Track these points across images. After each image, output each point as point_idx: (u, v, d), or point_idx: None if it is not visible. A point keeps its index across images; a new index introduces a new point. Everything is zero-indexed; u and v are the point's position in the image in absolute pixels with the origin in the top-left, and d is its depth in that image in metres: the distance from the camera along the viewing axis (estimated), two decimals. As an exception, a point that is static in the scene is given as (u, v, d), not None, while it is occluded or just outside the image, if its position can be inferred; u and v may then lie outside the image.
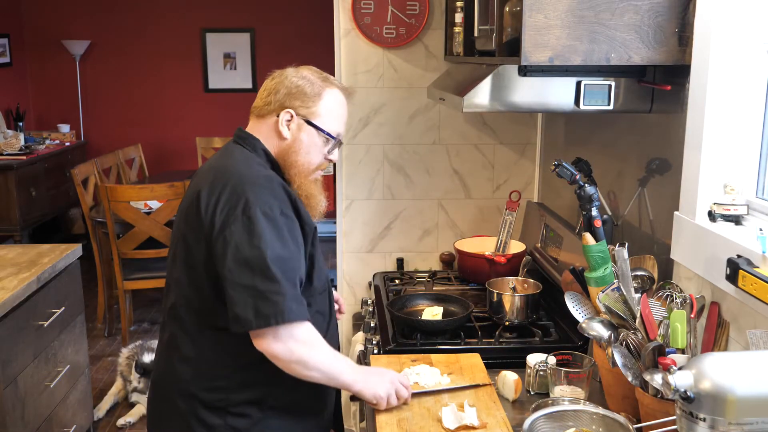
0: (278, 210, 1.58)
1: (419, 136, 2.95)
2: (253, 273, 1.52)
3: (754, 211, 1.67)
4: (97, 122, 6.59)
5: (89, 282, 4.65)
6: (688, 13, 1.73)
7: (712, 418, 1.18)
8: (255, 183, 1.59)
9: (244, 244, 1.53)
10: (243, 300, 1.52)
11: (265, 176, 1.62)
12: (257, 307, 1.52)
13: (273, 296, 1.52)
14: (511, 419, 1.68)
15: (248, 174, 1.61)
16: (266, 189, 1.59)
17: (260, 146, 1.71)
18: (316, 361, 1.59)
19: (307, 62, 1.82)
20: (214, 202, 1.58)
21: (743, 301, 1.50)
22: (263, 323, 1.52)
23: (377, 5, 2.80)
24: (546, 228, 2.62)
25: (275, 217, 1.56)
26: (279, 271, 1.53)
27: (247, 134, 1.74)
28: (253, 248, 1.53)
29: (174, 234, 1.73)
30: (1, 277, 2.56)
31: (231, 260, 1.54)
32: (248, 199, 1.55)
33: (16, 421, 2.46)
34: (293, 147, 1.70)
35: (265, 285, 1.52)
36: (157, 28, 6.46)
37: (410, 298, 2.41)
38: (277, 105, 1.70)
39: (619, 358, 1.48)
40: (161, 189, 4.18)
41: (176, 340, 1.68)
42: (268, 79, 1.75)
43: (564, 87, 1.87)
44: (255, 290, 1.52)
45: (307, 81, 1.70)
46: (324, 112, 1.71)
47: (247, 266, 1.53)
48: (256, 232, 1.53)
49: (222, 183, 1.60)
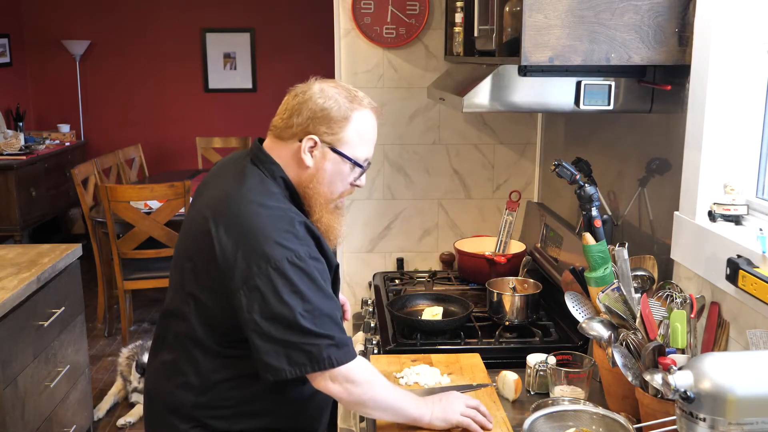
0: (307, 255, 1.46)
1: (419, 136, 2.95)
2: (284, 328, 1.43)
3: (754, 211, 1.67)
4: (97, 122, 6.59)
5: (89, 282, 4.65)
6: (688, 13, 1.73)
7: (712, 418, 1.18)
8: (278, 227, 1.46)
9: (274, 299, 1.43)
10: (273, 350, 1.44)
11: (288, 217, 1.49)
12: (290, 356, 1.44)
13: (307, 347, 1.44)
14: (511, 419, 1.68)
15: (268, 215, 1.47)
16: (290, 233, 1.46)
17: (279, 173, 1.56)
18: (376, 401, 1.53)
19: (307, 62, 1.81)
20: (233, 245, 1.45)
21: (743, 301, 1.50)
22: (298, 371, 1.45)
23: (377, 5, 2.80)
24: (546, 228, 2.62)
25: (305, 265, 1.45)
26: (313, 323, 1.44)
27: (265, 156, 1.58)
28: (283, 305, 1.42)
29: (178, 260, 1.60)
30: (1, 277, 2.56)
31: (258, 315, 1.44)
32: (273, 249, 1.43)
33: (16, 421, 2.46)
34: (316, 177, 1.55)
35: (298, 338, 1.43)
36: (157, 28, 6.46)
37: (410, 298, 2.41)
38: (299, 129, 1.54)
39: (619, 358, 1.48)
40: (161, 189, 4.18)
41: (179, 365, 1.59)
42: (290, 96, 1.58)
43: (564, 87, 1.87)
44: (287, 342, 1.44)
45: (333, 102, 1.53)
46: (351, 137, 1.54)
47: (276, 321, 1.43)
48: (285, 286, 1.43)
49: (241, 224, 1.46)
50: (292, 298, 1.43)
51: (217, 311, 1.51)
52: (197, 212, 1.56)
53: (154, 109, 6.59)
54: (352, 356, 1.49)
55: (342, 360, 1.46)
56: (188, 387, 1.58)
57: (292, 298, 1.43)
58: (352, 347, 1.50)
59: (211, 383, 1.57)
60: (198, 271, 1.53)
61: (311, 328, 1.43)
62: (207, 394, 1.57)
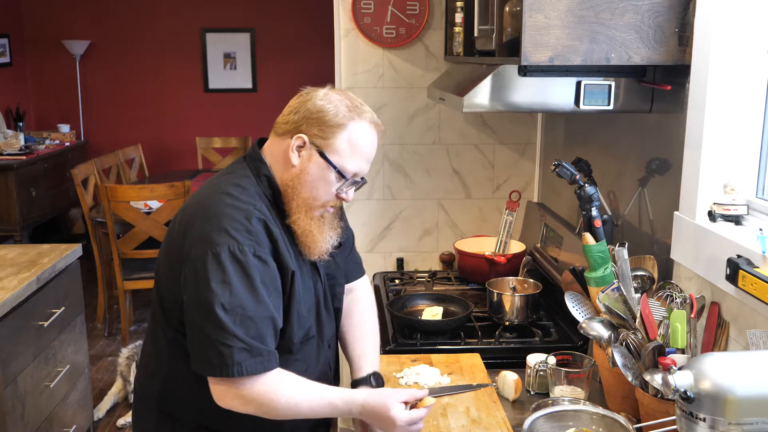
0: (251, 251, 1.42)
1: (419, 136, 2.95)
2: (205, 316, 1.40)
3: (754, 211, 1.67)
4: (97, 122, 6.59)
5: (89, 282, 4.65)
6: (688, 13, 1.73)
7: (712, 418, 1.18)
8: (232, 216, 1.44)
9: (202, 284, 1.40)
10: (197, 340, 1.42)
11: (247, 210, 1.46)
12: (206, 354, 1.41)
13: (221, 347, 1.39)
14: (511, 419, 1.68)
15: (228, 204, 1.46)
16: (242, 225, 1.44)
17: (264, 171, 1.54)
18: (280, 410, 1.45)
19: (307, 62, 1.80)
20: (186, 225, 1.47)
21: (743, 301, 1.50)
22: (210, 373, 1.42)
23: (377, 5, 2.80)
24: (546, 228, 2.62)
25: (245, 260, 1.41)
26: (231, 320, 1.38)
27: (256, 154, 1.58)
28: (209, 291, 1.39)
29: (158, 258, 1.61)
30: (1, 277, 2.56)
31: (189, 296, 1.43)
32: (219, 235, 1.42)
33: (16, 421, 2.46)
34: (300, 177, 1.52)
35: (214, 332, 1.39)
36: (157, 28, 6.46)
37: (410, 298, 2.41)
38: (293, 126, 1.52)
39: (619, 358, 1.48)
40: (161, 189, 4.18)
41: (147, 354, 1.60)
42: (295, 97, 1.57)
43: (564, 87, 1.87)
44: (205, 335, 1.40)
45: (332, 107, 1.51)
46: (342, 146, 1.51)
47: (200, 307, 1.41)
48: (217, 273, 1.40)
49: (201, 208, 1.48)
50: (219, 287, 1.39)
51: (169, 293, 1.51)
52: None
53: (154, 109, 6.59)
54: (266, 366, 1.42)
55: (253, 369, 1.40)
56: (154, 377, 1.58)
57: (219, 287, 1.39)
58: (270, 359, 1.43)
59: (172, 373, 1.55)
60: (165, 259, 1.54)
61: (227, 324, 1.38)
62: (169, 384, 1.56)
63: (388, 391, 1.54)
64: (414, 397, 1.53)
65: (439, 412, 1.71)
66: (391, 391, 1.54)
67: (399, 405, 1.48)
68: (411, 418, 1.48)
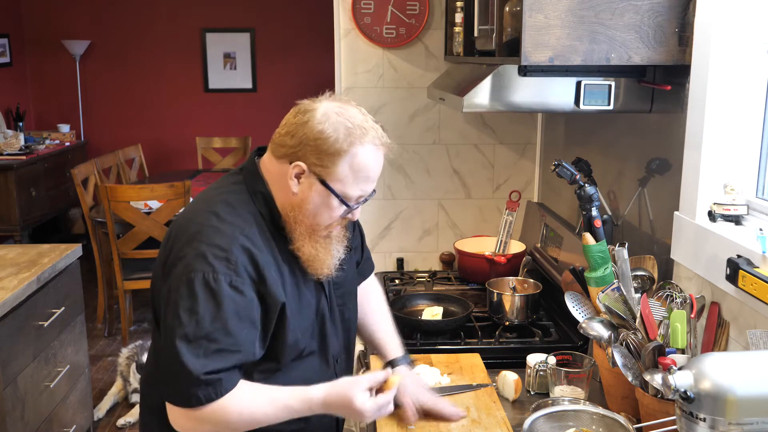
0: (227, 281, 1.35)
1: (419, 136, 2.95)
2: (168, 344, 1.36)
3: (754, 211, 1.67)
4: (97, 122, 6.59)
5: (89, 282, 4.65)
6: (688, 13, 1.73)
7: (712, 418, 1.18)
8: (213, 243, 1.37)
9: (172, 309, 1.36)
10: (163, 364, 1.40)
11: (231, 237, 1.38)
12: (169, 381, 1.37)
13: (180, 379, 1.34)
14: (511, 419, 1.68)
15: (213, 226, 1.39)
16: (222, 252, 1.36)
17: (260, 188, 1.46)
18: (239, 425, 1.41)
19: (307, 62, 1.79)
20: (171, 246, 1.43)
21: (743, 301, 1.50)
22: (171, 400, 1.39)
23: (377, 5, 2.80)
24: (546, 228, 2.62)
25: (219, 289, 1.34)
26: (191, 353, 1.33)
27: (254, 169, 1.48)
28: (176, 318, 1.35)
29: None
30: (1, 277, 2.56)
31: (162, 316, 1.40)
32: (195, 260, 1.36)
33: (16, 421, 2.46)
34: (301, 206, 1.43)
35: (174, 364, 1.34)
36: (157, 28, 6.46)
37: (410, 298, 2.41)
38: (290, 152, 1.41)
39: (619, 358, 1.48)
40: (161, 189, 4.18)
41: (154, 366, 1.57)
42: (292, 113, 1.44)
43: (564, 87, 1.87)
44: (168, 362, 1.36)
45: (331, 132, 1.38)
46: (344, 173, 1.41)
47: (166, 333, 1.37)
48: (186, 300, 1.34)
49: (185, 227, 1.43)
50: (186, 315, 1.34)
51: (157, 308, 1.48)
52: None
53: (154, 109, 6.59)
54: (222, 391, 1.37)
55: (210, 397, 1.35)
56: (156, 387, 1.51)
57: (185, 315, 1.34)
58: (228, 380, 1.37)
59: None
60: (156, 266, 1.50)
61: (185, 359, 1.32)
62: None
63: (347, 381, 1.46)
64: (377, 381, 1.47)
65: (439, 412, 1.71)
66: (351, 380, 1.47)
67: (362, 394, 1.43)
68: (377, 404, 1.44)
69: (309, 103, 1.44)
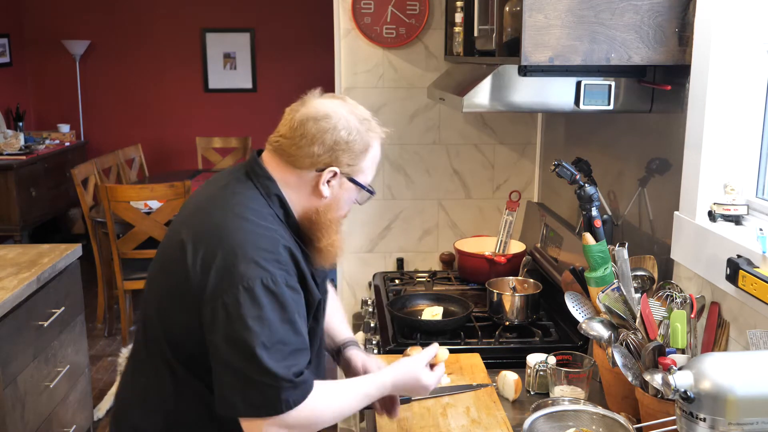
0: (283, 281, 1.35)
1: (419, 136, 2.95)
2: (243, 357, 1.31)
3: (754, 211, 1.67)
4: (97, 122, 6.59)
5: (89, 282, 4.65)
6: (688, 13, 1.73)
7: (712, 418, 1.18)
8: (259, 246, 1.35)
9: (237, 323, 1.31)
10: (230, 382, 1.34)
11: (272, 238, 1.38)
12: (246, 395, 1.32)
13: (265, 388, 1.32)
14: (511, 419, 1.68)
15: (250, 231, 1.38)
16: (270, 254, 1.36)
17: (274, 190, 1.45)
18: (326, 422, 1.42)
19: (307, 62, 1.79)
20: (208, 257, 1.36)
21: (743, 301, 1.50)
22: (253, 413, 1.33)
23: (377, 5, 2.80)
24: (546, 228, 2.62)
25: (280, 291, 1.34)
26: (272, 359, 1.31)
27: (262, 170, 1.47)
28: (247, 330, 1.31)
29: (151, 284, 1.51)
30: (1, 277, 2.56)
31: (220, 336, 1.33)
32: (249, 268, 1.33)
33: (16, 421, 2.46)
34: (331, 205, 1.48)
35: (257, 374, 1.31)
36: (157, 28, 6.46)
37: (410, 298, 2.41)
38: (319, 160, 1.43)
39: (619, 358, 1.48)
40: (161, 189, 4.18)
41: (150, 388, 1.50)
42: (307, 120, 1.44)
43: (564, 87, 1.87)
44: (244, 375, 1.32)
45: (356, 134, 1.45)
46: (368, 166, 1.49)
47: (237, 347, 1.32)
48: (253, 309, 1.31)
49: (219, 236, 1.37)
50: (257, 324, 1.31)
51: (184, 331, 1.41)
52: (174, 233, 1.46)
53: (154, 109, 6.59)
54: (308, 391, 1.37)
55: (299, 400, 1.35)
56: (156, 413, 1.48)
57: (256, 325, 1.31)
58: (310, 380, 1.38)
59: (180, 409, 1.47)
60: (172, 295, 1.42)
61: (270, 365, 1.31)
62: (176, 420, 1.48)
63: (410, 361, 1.55)
64: (430, 357, 1.58)
65: (439, 412, 1.71)
66: (412, 360, 1.55)
67: (425, 370, 1.54)
68: (437, 377, 1.56)
69: (318, 107, 1.45)
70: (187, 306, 1.39)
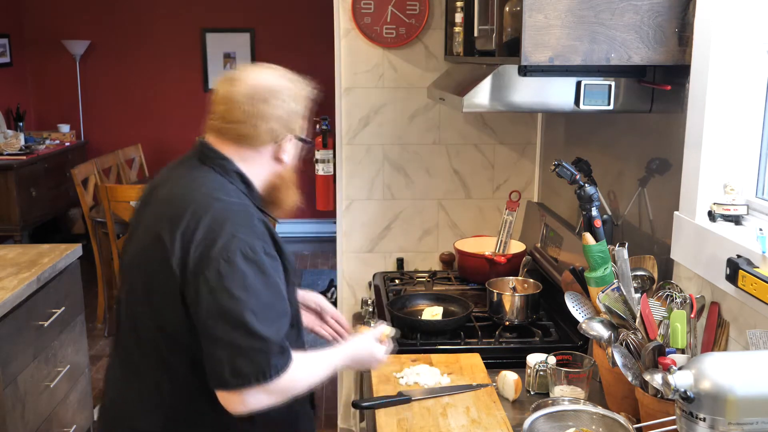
0: (261, 250, 1.40)
1: (419, 136, 2.95)
2: (231, 327, 1.35)
3: (754, 211, 1.67)
4: (97, 122, 6.59)
5: (89, 282, 4.64)
6: (688, 13, 1.73)
7: (712, 418, 1.18)
8: (233, 220, 1.41)
9: (222, 293, 1.35)
10: (219, 356, 1.36)
11: (244, 210, 1.45)
12: (235, 366, 1.35)
13: (255, 354, 1.36)
14: (511, 419, 1.68)
15: (224, 208, 1.43)
16: (246, 226, 1.42)
17: (231, 167, 1.52)
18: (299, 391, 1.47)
19: (307, 62, 1.81)
20: (186, 240, 1.39)
21: (743, 301, 1.50)
22: (241, 383, 1.36)
23: (377, 5, 2.80)
24: (546, 228, 2.62)
25: (260, 259, 1.39)
26: (262, 324, 1.36)
27: (215, 153, 1.53)
28: (233, 300, 1.35)
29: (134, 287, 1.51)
30: (1, 277, 2.56)
31: (206, 311, 1.36)
32: (227, 239, 1.38)
33: (16, 421, 2.46)
34: (287, 167, 1.58)
35: (246, 341, 1.35)
36: (157, 28, 6.45)
37: (410, 298, 2.41)
38: (277, 134, 1.52)
39: (619, 358, 1.48)
40: (161, 189, 4.17)
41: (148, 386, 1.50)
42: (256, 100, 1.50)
43: (564, 87, 1.87)
44: (233, 346, 1.35)
45: (299, 98, 1.56)
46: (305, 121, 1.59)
47: (223, 318, 1.35)
48: (236, 278, 1.36)
49: (195, 217, 1.41)
50: (243, 292, 1.36)
51: (178, 322, 1.43)
52: (149, 227, 1.48)
53: (154, 109, 6.59)
54: (290, 358, 1.41)
55: (285, 366, 1.39)
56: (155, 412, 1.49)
57: (242, 293, 1.36)
58: (290, 350, 1.42)
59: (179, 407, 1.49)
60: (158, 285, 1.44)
61: (260, 329, 1.35)
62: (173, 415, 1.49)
63: (365, 338, 1.66)
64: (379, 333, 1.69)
65: (439, 412, 1.71)
66: (367, 337, 1.66)
67: (378, 345, 1.65)
68: (387, 352, 1.67)
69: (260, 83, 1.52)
70: (175, 296, 1.41)
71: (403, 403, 1.74)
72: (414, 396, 1.77)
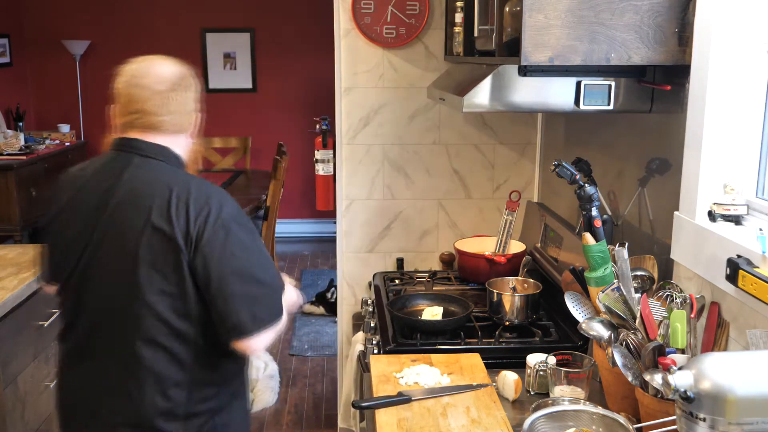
0: (244, 217, 1.61)
1: (419, 136, 2.95)
2: (243, 281, 1.54)
3: (754, 211, 1.67)
4: (97, 122, 6.58)
5: (89, 282, 4.64)
6: (688, 13, 1.73)
7: (712, 418, 1.18)
8: (213, 194, 1.58)
9: (229, 256, 1.53)
10: (237, 308, 1.53)
11: (211, 184, 1.63)
12: (254, 313, 1.54)
13: (267, 299, 1.57)
14: (511, 419, 1.68)
15: (198, 184, 1.60)
16: (224, 195, 1.61)
17: (172, 153, 1.67)
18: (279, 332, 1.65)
19: (307, 62, 1.83)
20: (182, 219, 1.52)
21: (743, 301, 1.50)
22: (260, 326, 1.55)
23: (377, 5, 2.80)
24: (546, 228, 2.62)
25: (245, 221, 1.60)
26: (266, 273, 1.58)
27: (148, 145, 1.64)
28: (239, 259, 1.54)
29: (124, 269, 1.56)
30: (1, 277, 2.56)
31: (218, 273, 1.52)
32: (217, 211, 1.55)
33: (16, 421, 2.46)
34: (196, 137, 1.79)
35: (259, 290, 1.56)
36: (157, 28, 6.46)
37: (410, 298, 2.41)
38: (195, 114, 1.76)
39: (619, 358, 1.48)
40: (161, 189, 4.17)
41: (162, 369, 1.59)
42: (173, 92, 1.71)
43: (564, 87, 1.87)
44: (249, 297, 1.54)
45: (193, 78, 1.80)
46: None
47: (235, 276, 1.53)
48: (236, 241, 1.54)
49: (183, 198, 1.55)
50: (245, 252, 1.55)
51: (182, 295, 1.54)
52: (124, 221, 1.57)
53: (154, 109, 6.59)
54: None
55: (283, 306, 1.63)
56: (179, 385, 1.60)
57: (245, 252, 1.55)
58: None
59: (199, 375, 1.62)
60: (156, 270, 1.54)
61: (267, 279, 1.57)
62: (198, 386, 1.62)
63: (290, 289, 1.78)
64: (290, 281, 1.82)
65: (439, 412, 1.71)
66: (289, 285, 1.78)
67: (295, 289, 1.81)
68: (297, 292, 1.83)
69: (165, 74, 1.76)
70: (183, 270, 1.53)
71: (403, 403, 1.74)
72: (414, 396, 1.77)
